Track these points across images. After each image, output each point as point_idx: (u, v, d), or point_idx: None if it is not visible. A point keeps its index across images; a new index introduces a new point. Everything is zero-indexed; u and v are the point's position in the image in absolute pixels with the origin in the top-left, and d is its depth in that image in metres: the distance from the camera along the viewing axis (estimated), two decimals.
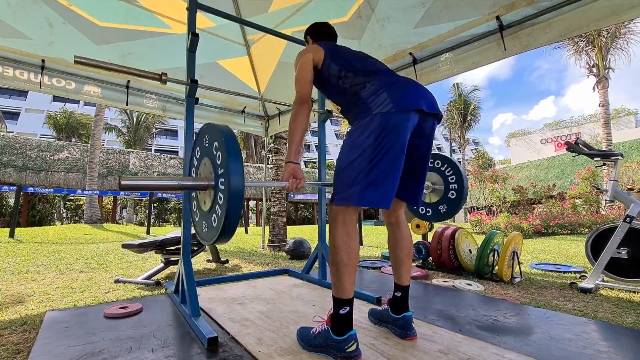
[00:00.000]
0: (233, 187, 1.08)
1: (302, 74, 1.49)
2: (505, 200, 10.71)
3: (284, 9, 3.06)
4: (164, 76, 1.81)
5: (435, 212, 2.15)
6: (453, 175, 2.05)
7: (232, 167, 1.10)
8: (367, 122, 1.31)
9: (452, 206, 2.06)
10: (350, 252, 1.29)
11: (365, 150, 1.28)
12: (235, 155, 1.13)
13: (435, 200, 2.14)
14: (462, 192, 2.01)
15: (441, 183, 2.11)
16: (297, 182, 1.37)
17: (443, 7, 2.40)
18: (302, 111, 1.43)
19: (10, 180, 11.35)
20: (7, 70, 2.93)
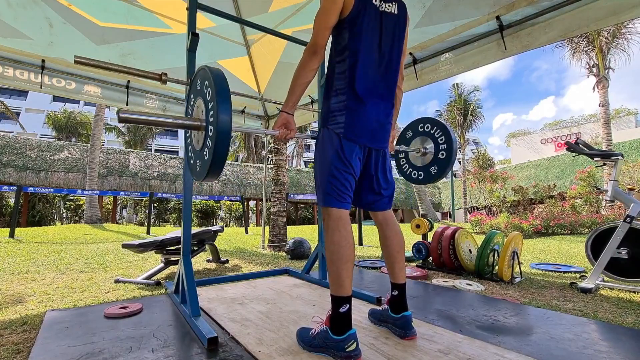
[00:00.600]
0: (221, 124, 1.16)
1: (323, 16, 1.33)
2: (505, 200, 10.70)
3: (284, 9, 3.06)
4: (164, 76, 1.81)
5: (426, 174, 2.20)
6: (442, 136, 2.09)
7: (221, 106, 1.17)
8: (327, 134, 1.42)
9: (443, 166, 2.10)
10: (348, 248, 1.31)
11: (324, 160, 1.41)
12: (223, 95, 1.19)
13: (426, 163, 2.19)
14: (451, 151, 2.05)
15: (431, 146, 2.16)
16: (288, 133, 1.40)
17: (443, 6, 2.40)
18: (310, 63, 1.34)
19: (10, 180, 11.35)
20: (7, 70, 2.93)
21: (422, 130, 2.21)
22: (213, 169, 1.24)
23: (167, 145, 37.17)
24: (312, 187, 17.68)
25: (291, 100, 1.38)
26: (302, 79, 1.36)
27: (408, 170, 2.32)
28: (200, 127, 1.33)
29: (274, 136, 1.41)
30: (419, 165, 2.25)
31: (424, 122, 2.22)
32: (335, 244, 1.31)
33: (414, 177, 2.28)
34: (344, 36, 1.39)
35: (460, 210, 20.76)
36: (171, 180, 14.62)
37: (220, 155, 1.20)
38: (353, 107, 1.40)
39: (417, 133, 2.24)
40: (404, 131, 2.31)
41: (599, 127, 12.70)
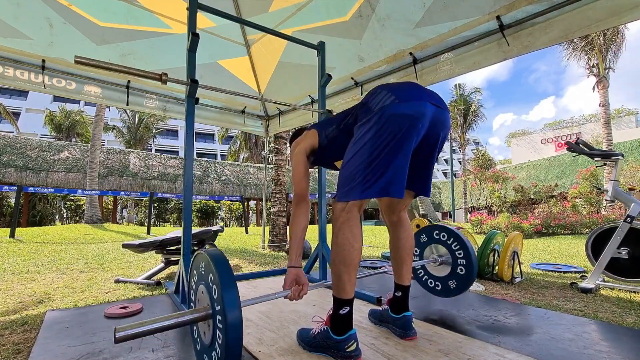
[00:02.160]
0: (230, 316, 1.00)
1: (296, 169, 1.49)
2: (506, 200, 10.70)
3: (285, 9, 3.05)
4: (164, 76, 1.81)
5: (444, 287, 2.04)
6: (460, 250, 1.94)
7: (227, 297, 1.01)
8: (368, 119, 1.28)
9: (462, 283, 1.94)
10: (353, 252, 1.28)
11: (365, 144, 1.25)
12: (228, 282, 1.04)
13: (445, 274, 2.03)
14: (471, 267, 1.88)
15: (448, 257, 2.00)
16: (300, 289, 1.32)
17: (443, 6, 2.40)
18: (299, 211, 1.42)
19: (10, 180, 11.36)
20: (7, 70, 2.93)
21: (438, 238, 2.07)
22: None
23: (168, 145, 37.20)
24: (312, 187, 17.66)
25: (294, 252, 1.38)
26: (298, 225, 1.40)
27: (424, 277, 2.16)
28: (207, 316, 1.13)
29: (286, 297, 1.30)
30: (436, 275, 2.09)
31: (439, 229, 2.06)
32: (340, 246, 1.28)
33: (431, 286, 2.13)
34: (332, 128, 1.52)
35: (461, 210, 20.76)
36: (171, 180, 14.63)
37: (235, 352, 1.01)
38: (388, 86, 1.33)
39: (431, 240, 2.10)
40: (418, 234, 2.14)
41: (600, 127, 12.70)
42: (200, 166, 16.06)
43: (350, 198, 1.28)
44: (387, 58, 2.97)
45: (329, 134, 1.52)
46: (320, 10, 2.91)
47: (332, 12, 2.87)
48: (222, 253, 1.16)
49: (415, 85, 1.35)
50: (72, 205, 17.07)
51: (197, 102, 2.08)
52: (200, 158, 18.52)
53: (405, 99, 1.25)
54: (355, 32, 2.92)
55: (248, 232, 9.16)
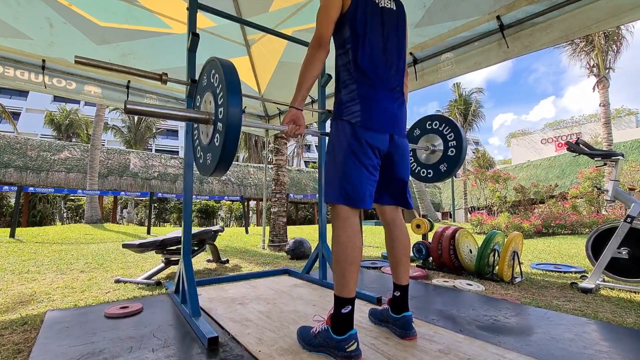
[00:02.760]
0: (231, 116, 1.14)
1: (325, 11, 1.35)
2: (506, 200, 10.70)
3: (285, 9, 3.05)
4: (165, 76, 1.81)
5: (436, 172, 2.18)
6: (451, 133, 2.07)
7: (231, 98, 1.15)
8: (341, 126, 1.39)
9: (452, 163, 2.09)
10: (353, 250, 1.29)
11: (337, 154, 1.37)
12: (234, 89, 1.17)
13: (435, 161, 2.17)
14: (461, 148, 2.03)
15: (440, 143, 2.14)
16: (297, 128, 1.38)
17: (444, 6, 2.40)
18: (317, 56, 1.34)
19: (11, 180, 11.36)
20: (7, 70, 2.93)
21: (430, 128, 2.19)
22: (222, 162, 1.22)
23: (168, 145, 37.19)
24: (312, 187, 17.68)
25: (299, 94, 1.36)
26: (309, 72, 1.34)
27: (417, 169, 2.30)
28: (209, 120, 1.29)
29: (283, 131, 1.39)
30: (428, 164, 2.23)
31: (432, 119, 2.20)
32: (341, 245, 1.30)
33: (423, 176, 2.27)
34: (346, 29, 1.40)
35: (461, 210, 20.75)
36: (171, 180, 14.63)
37: (230, 149, 1.18)
38: (365, 94, 1.38)
39: (425, 131, 2.23)
40: (412, 129, 2.29)
41: (600, 127, 12.69)
42: None
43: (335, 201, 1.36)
44: None
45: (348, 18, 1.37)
46: None
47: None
48: (231, 63, 1.27)
49: (383, 113, 1.40)
50: (72, 205, 17.07)
51: None
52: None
53: (368, 127, 1.36)
54: None
55: (248, 232, 9.16)
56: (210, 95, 1.33)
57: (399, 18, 1.49)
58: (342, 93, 1.44)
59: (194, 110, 1.34)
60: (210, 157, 1.30)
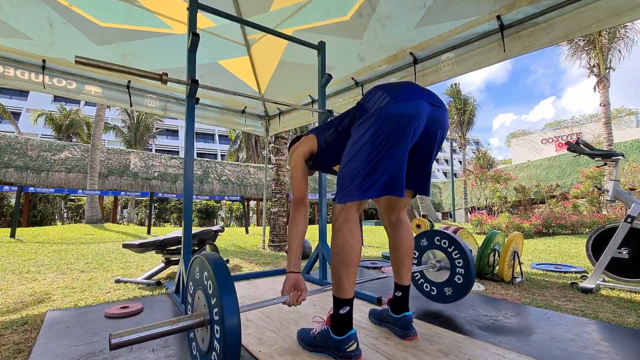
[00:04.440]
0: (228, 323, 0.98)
1: (295, 172, 1.49)
2: (506, 200, 10.69)
3: (285, 8, 3.05)
4: (165, 76, 1.81)
5: (440, 293, 2.01)
6: (460, 258, 1.90)
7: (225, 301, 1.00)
8: (365, 119, 1.28)
9: (458, 292, 1.91)
10: (352, 252, 1.28)
11: (363, 145, 1.26)
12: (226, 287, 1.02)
13: (441, 280, 2.00)
14: (469, 277, 1.85)
15: (447, 263, 1.96)
16: (299, 295, 1.33)
17: (444, 6, 2.40)
18: (298, 215, 1.43)
19: (11, 180, 11.37)
20: (8, 70, 2.93)
21: (438, 245, 2.02)
22: None
23: (168, 145, 37.22)
24: (312, 187, 17.67)
25: (293, 257, 1.38)
26: (296, 232, 1.41)
27: (420, 281, 2.13)
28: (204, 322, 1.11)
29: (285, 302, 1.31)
30: (433, 281, 2.06)
31: (440, 235, 2.02)
32: (339, 247, 1.29)
33: (426, 290, 2.10)
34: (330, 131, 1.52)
35: (461, 210, 20.76)
36: (172, 180, 14.64)
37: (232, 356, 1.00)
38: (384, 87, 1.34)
39: (432, 245, 2.06)
40: (419, 238, 2.10)
41: (600, 127, 12.68)
42: (200, 166, 16.07)
43: (350, 199, 1.28)
44: (388, 58, 2.97)
45: (327, 138, 1.52)
46: (320, 9, 2.91)
47: (332, 12, 2.87)
48: (219, 257, 1.15)
49: (411, 85, 1.35)
50: (72, 205, 17.09)
51: (198, 102, 2.08)
52: (200, 158, 18.53)
53: (401, 99, 1.26)
54: (355, 32, 2.92)
55: (248, 232, 9.16)
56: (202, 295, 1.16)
57: None
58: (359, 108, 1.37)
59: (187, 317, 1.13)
60: None
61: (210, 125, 15.19)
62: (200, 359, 1.17)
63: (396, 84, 1.35)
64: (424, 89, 1.36)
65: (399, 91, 1.29)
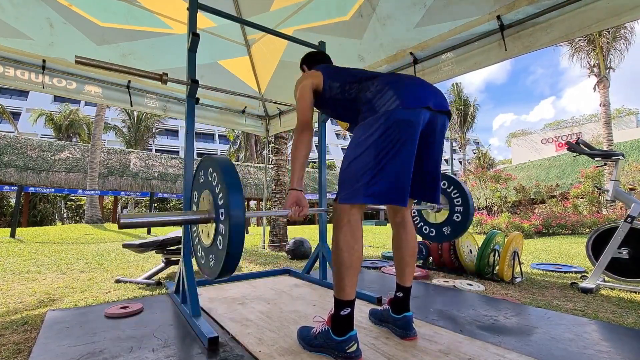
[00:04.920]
0: (234, 219, 1.05)
1: (302, 101, 1.49)
2: (507, 200, 10.68)
3: (285, 8, 3.05)
4: (165, 76, 1.81)
5: (438, 233, 2.10)
6: (459, 197, 1.98)
7: (233, 199, 1.07)
8: (372, 120, 1.27)
9: (456, 230, 1.99)
10: (353, 254, 1.28)
11: (369, 146, 1.25)
12: (235, 186, 1.11)
13: (440, 221, 2.09)
14: (467, 215, 1.94)
15: (447, 204, 2.05)
16: (300, 210, 1.35)
17: (444, 6, 2.40)
18: (303, 138, 1.43)
19: (11, 180, 11.37)
20: (7, 70, 2.93)
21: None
22: (227, 267, 1.12)
23: (168, 145, 37.20)
24: (312, 187, 17.67)
25: (296, 176, 1.38)
26: (300, 155, 1.41)
27: (419, 224, 2.20)
28: (209, 219, 1.19)
29: (286, 216, 1.36)
30: (432, 222, 2.13)
31: (442, 178, 2.10)
32: (340, 249, 1.29)
33: (425, 232, 2.18)
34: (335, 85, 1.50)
35: None
36: (172, 180, 14.63)
37: (236, 253, 1.08)
38: (394, 81, 1.33)
39: None
40: None
41: (600, 127, 12.68)
42: None
43: (351, 201, 1.28)
44: (388, 58, 2.97)
45: (332, 90, 1.50)
46: (320, 9, 2.91)
47: (332, 12, 2.87)
48: (228, 160, 1.22)
49: (420, 86, 1.35)
50: (72, 205, 17.09)
51: (198, 102, 2.08)
52: (200, 158, 18.50)
53: (411, 105, 1.26)
54: (355, 32, 2.92)
55: (248, 232, 9.16)
56: (209, 194, 1.24)
57: None
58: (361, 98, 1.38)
59: (192, 212, 1.24)
60: (214, 260, 1.20)
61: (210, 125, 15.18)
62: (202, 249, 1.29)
63: (407, 84, 1.33)
64: (432, 88, 1.37)
65: (409, 93, 1.29)
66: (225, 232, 1.07)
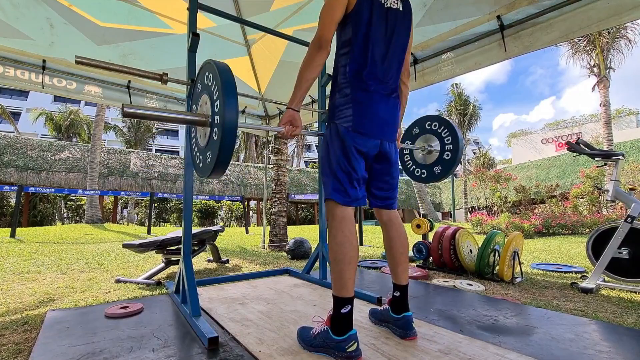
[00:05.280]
0: (227, 118, 1.15)
1: (329, 11, 1.32)
2: (507, 200, 10.68)
3: (285, 8, 3.05)
4: (165, 76, 1.81)
5: (430, 173, 2.18)
6: (449, 136, 2.06)
7: (227, 100, 1.16)
8: (334, 129, 1.41)
9: (447, 167, 2.09)
10: (351, 249, 1.29)
11: (331, 153, 1.41)
12: (229, 89, 1.18)
13: (431, 162, 2.18)
14: (457, 152, 2.02)
15: (437, 144, 2.13)
16: (293, 129, 1.36)
17: (444, 6, 2.40)
18: (317, 57, 1.30)
19: (11, 180, 11.37)
20: (8, 70, 2.93)
21: (429, 128, 2.19)
22: (219, 164, 1.23)
23: (168, 145, 37.20)
24: (312, 187, 17.68)
25: (297, 96, 1.34)
26: (308, 74, 1.31)
27: (411, 167, 2.31)
28: (206, 122, 1.30)
29: (279, 132, 1.39)
30: (423, 164, 2.24)
31: (431, 119, 2.20)
32: (338, 245, 1.30)
33: (417, 175, 2.27)
34: (348, 30, 1.39)
35: (461, 210, 20.74)
36: (172, 180, 14.63)
37: (227, 151, 1.19)
38: (359, 99, 1.39)
39: (423, 130, 2.22)
40: (411, 127, 2.29)
41: (600, 127, 12.67)
42: None
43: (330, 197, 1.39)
44: None
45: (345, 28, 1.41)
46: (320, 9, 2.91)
47: None
48: (228, 68, 1.26)
49: (375, 118, 1.41)
50: (72, 205, 17.07)
51: None
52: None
53: (358, 132, 1.38)
54: None
55: (248, 232, 9.16)
56: (207, 97, 1.33)
57: (404, 19, 1.48)
58: (336, 96, 1.45)
59: (190, 113, 1.34)
60: (209, 156, 1.30)
61: None
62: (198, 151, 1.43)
63: (366, 107, 1.39)
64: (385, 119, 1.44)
65: (363, 122, 1.38)
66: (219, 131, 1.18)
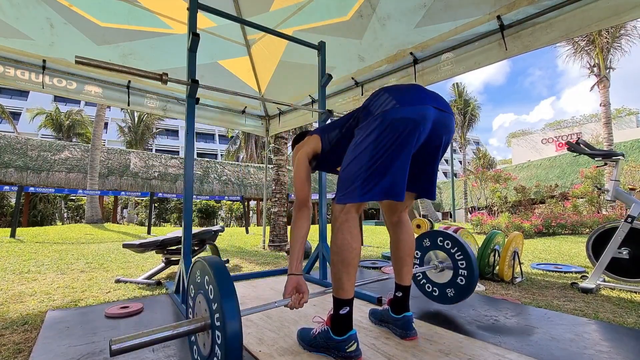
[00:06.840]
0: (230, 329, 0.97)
1: (297, 175, 1.47)
2: (507, 200, 10.69)
3: (285, 8, 3.05)
4: (165, 76, 1.81)
5: (442, 294, 1.99)
6: (463, 260, 1.87)
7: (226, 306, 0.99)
8: (369, 122, 1.28)
9: (460, 293, 1.89)
10: (351, 252, 1.28)
11: (366, 147, 1.25)
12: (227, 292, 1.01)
13: (444, 281, 1.97)
14: (472, 279, 1.83)
15: (450, 263, 1.94)
16: (301, 297, 1.31)
17: (444, 6, 2.40)
18: (301, 216, 1.41)
19: (11, 180, 11.37)
20: (8, 71, 2.93)
21: (442, 246, 1.99)
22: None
23: (168, 145, 37.21)
24: (312, 188, 17.64)
25: (295, 260, 1.35)
26: (299, 232, 1.39)
27: (422, 281, 2.10)
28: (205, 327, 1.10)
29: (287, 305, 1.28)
30: (435, 282, 2.03)
31: (443, 236, 1.99)
32: (339, 247, 1.29)
33: (428, 291, 2.07)
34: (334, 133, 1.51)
35: (461, 210, 20.75)
36: (172, 180, 14.64)
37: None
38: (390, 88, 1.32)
39: (435, 246, 2.02)
40: (421, 238, 2.08)
41: (600, 127, 12.67)
42: (200, 166, 16.07)
43: (349, 200, 1.28)
44: (388, 58, 2.97)
45: (331, 139, 1.51)
46: (320, 9, 2.91)
47: (332, 12, 2.87)
48: (220, 261, 1.14)
49: (417, 89, 1.33)
50: (72, 205, 17.07)
51: (198, 102, 2.09)
52: (200, 158, 18.53)
53: (407, 103, 1.24)
54: (355, 32, 2.92)
55: (248, 232, 9.16)
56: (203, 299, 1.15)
57: None
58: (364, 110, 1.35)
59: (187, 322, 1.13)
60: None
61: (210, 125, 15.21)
62: None
63: (402, 87, 1.33)
64: (431, 92, 1.35)
65: (404, 95, 1.28)
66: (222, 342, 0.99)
